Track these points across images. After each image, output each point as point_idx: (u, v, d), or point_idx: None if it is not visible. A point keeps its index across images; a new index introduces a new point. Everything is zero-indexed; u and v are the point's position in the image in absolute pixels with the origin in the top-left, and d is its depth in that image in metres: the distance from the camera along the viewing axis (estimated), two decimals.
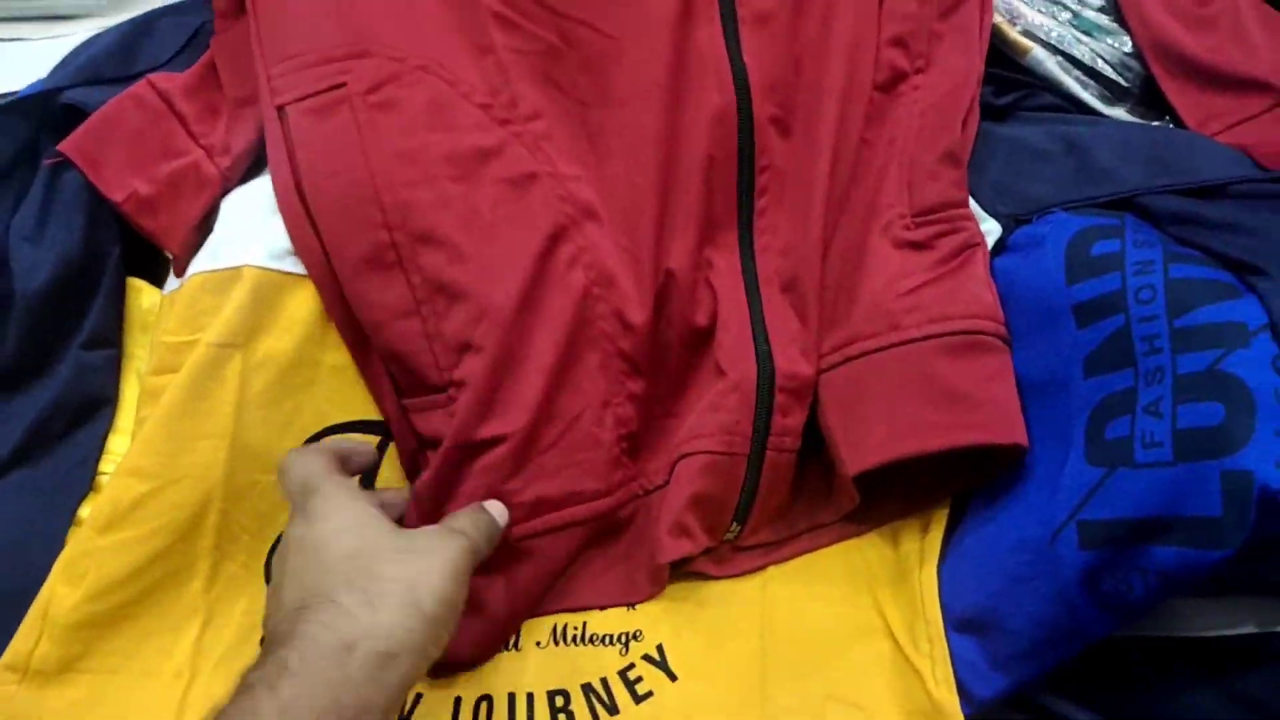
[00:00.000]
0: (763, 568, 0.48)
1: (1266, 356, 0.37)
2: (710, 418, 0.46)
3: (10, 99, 0.55)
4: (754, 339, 0.47)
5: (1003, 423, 0.43)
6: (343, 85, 0.46)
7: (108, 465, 0.50)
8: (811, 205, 0.48)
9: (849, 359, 0.46)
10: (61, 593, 0.44)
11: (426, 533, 0.39)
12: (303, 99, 0.47)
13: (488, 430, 0.44)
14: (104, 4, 0.73)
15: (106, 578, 0.43)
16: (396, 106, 0.46)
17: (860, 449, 0.44)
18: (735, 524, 0.47)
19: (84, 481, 0.50)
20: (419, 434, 0.46)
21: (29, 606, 0.45)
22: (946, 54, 0.50)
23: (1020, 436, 0.43)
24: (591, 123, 0.49)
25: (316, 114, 0.46)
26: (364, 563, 0.36)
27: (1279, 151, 0.48)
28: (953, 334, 0.44)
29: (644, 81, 0.48)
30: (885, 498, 0.48)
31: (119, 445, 0.51)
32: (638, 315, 0.46)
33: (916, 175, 0.48)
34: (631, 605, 0.47)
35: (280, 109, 0.47)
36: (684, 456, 0.46)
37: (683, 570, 0.48)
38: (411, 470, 0.47)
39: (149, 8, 0.72)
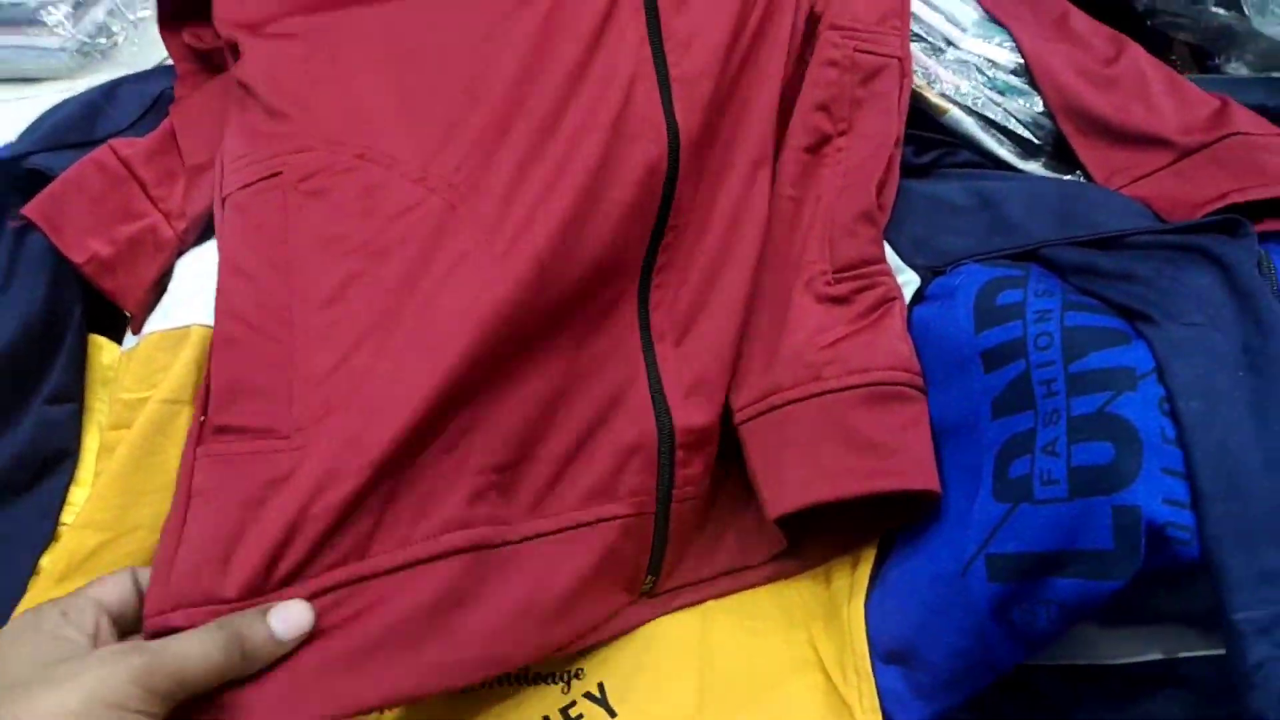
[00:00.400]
0: (681, 607, 0.50)
1: (1154, 399, 0.40)
2: (618, 481, 0.47)
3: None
4: (652, 399, 0.48)
5: (916, 469, 0.46)
6: (279, 174, 0.48)
7: (69, 516, 0.52)
8: (733, 261, 0.50)
9: (772, 408, 0.48)
10: None
11: (92, 655, 0.35)
12: (243, 187, 0.49)
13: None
14: (71, 67, 0.75)
15: None
16: (327, 194, 0.47)
17: (781, 493, 0.46)
18: (650, 576, 0.49)
19: (46, 532, 0.51)
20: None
21: None
22: (866, 117, 0.53)
23: (933, 482, 0.46)
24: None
25: (251, 197, 0.48)
26: None
27: (1176, 205, 0.51)
28: (871, 385, 0.47)
29: (586, 132, 0.48)
30: (813, 540, 0.50)
31: (80, 496, 0.52)
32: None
33: (836, 233, 0.50)
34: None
35: (224, 200, 0.49)
36: (596, 523, 0.47)
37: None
38: None
39: (115, 70, 0.75)
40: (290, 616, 0.38)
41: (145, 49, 0.77)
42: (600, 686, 0.48)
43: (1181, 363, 0.40)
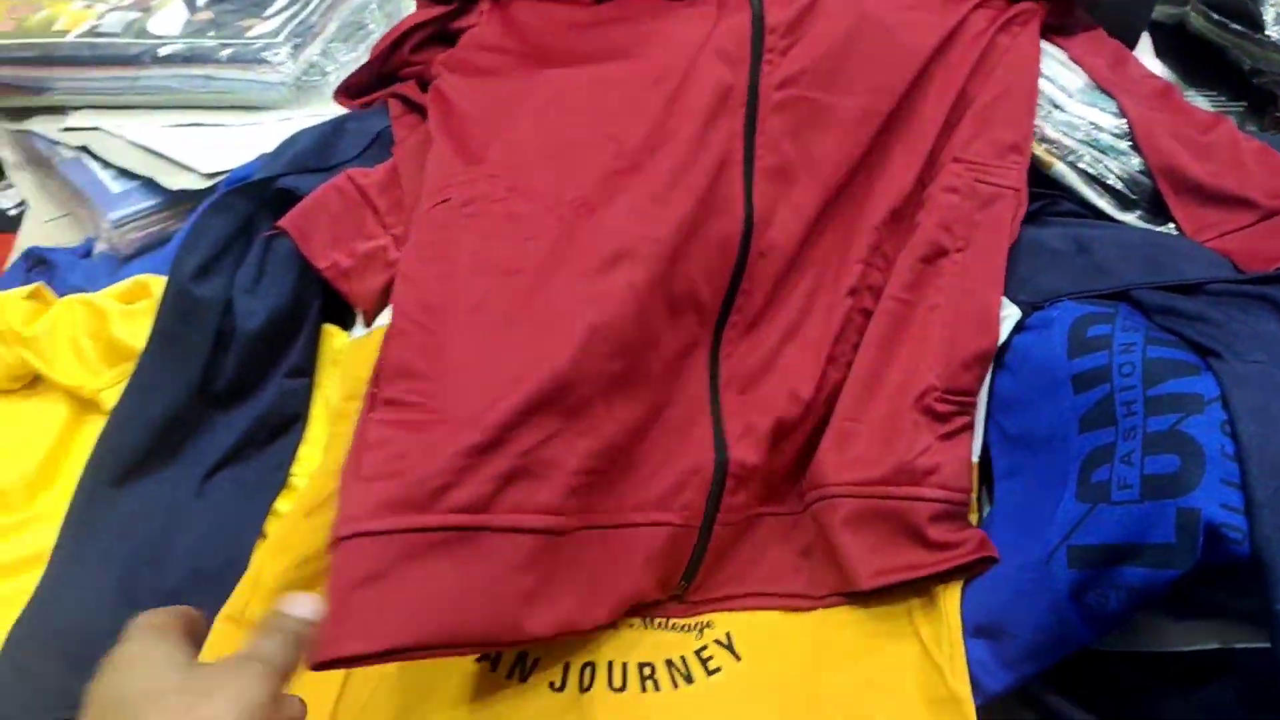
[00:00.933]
0: (703, 613, 0.58)
1: (1216, 422, 0.48)
2: (676, 496, 0.56)
3: (235, 184, 0.70)
4: (714, 434, 0.57)
5: (978, 550, 0.55)
6: (449, 200, 0.60)
7: (298, 468, 0.64)
8: (799, 341, 0.59)
9: (876, 497, 0.56)
10: (269, 562, 0.56)
11: (218, 667, 0.39)
12: (425, 211, 0.60)
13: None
14: (289, 99, 0.89)
15: (306, 551, 0.56)
16: (480, 219, 0.58)
17: (869, 570, 0.55)
18: (683, 582, 0.58)
19: (280, 481, 0.63)
20: None
21: (237, 572, 0.58)
22: (982, 238, 0.61)
23: (991, 551, 0.54)
24: None
25: (426, 218, 0.60)
26: (131, 711, 0.36)
27: (1254, 259, 0.58)
28: (948, 503, 0.56)
29: (684, 206, 0.58)
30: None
31: (307, 454, 0.64)
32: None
33: (954, 361, 0.58)
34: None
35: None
36: (648, 525, 0.56)
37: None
38: None
39: (324, 102, 0.88)
40: (301, 602, 0.45)
41: None
42: (728, 635, 0.57)
43: (1242, 393, 0.48)
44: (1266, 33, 0.81)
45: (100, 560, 0.61)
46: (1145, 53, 0.88)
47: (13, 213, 0.96)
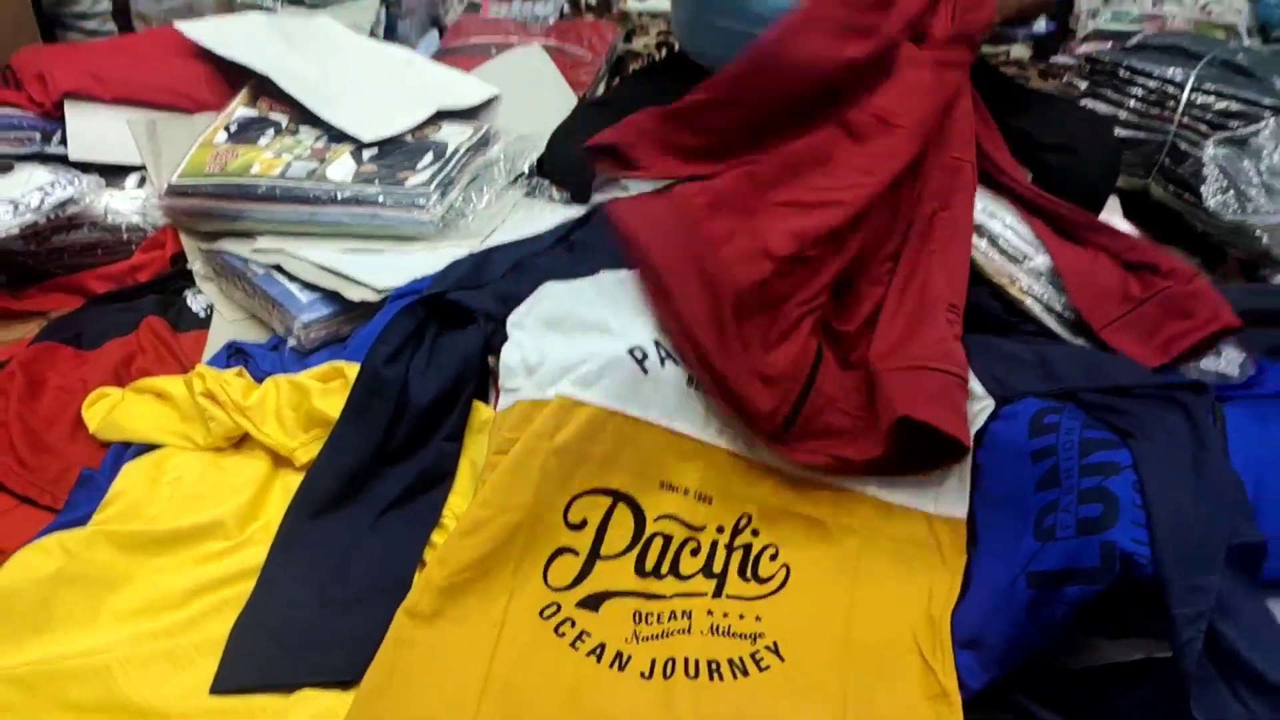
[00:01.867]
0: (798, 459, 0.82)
1: (1130, 482, 0.67)
2: (792, 373, 0.83)
3: (407, 295, 0.93)
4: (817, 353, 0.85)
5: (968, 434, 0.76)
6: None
7: (447, 512, 0.84)
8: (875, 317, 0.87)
9: (913, 368, 0.79)
10: (436, 570, 0.76)
11: None
12: None
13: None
14: (433, 233, 1.12)
15: (462, 564, 0.76)
16: None
17: (907, 406, 0.76)
18: (784, 430, 0.82)
19: (434, 521, 0.83)
20: None
21: (403, 586, 0.78)
22: (955, 199, 0.90)
23: (968, 440, 0.76)
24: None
25: None
26: None
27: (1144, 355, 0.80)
28: (959, 376, 0.78)
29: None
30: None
31: (455, 501, 0.84)
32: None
33: (953, 282, 0.86)
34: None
35: None
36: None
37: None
38: None
39: (460, 237, 1.12)
40: None
41: (482, 224, 1.14)
42: (775, 644, 0.75)
43: (1149, 462, 0.67)
44: (1206, 204, 1.03)
45: (301, 573, 0.81)
46: (1115, 213, 1.11)
47: (202, 315, 1.19)
